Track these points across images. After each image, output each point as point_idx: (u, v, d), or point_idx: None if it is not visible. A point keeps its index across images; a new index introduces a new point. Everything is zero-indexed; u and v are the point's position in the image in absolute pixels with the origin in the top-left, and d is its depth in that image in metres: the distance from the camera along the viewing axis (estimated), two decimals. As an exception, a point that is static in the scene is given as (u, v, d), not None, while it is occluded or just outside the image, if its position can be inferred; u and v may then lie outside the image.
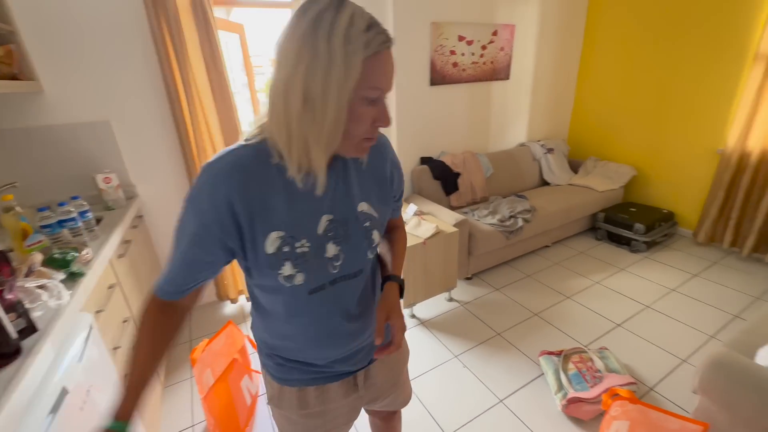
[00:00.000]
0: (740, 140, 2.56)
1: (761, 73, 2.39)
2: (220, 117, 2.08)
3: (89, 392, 1.00)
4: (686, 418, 1.20)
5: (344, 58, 0.50)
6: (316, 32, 0.50)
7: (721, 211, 2.78)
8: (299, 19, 0.52)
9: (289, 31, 0.53)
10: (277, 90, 0.54)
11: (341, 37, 0.50)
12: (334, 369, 0.78)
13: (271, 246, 0.61)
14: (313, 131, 0.54)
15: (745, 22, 2.47)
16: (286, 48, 0.53)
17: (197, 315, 2.42)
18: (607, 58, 3.33)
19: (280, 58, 0.54)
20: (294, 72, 0.52)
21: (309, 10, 0.52)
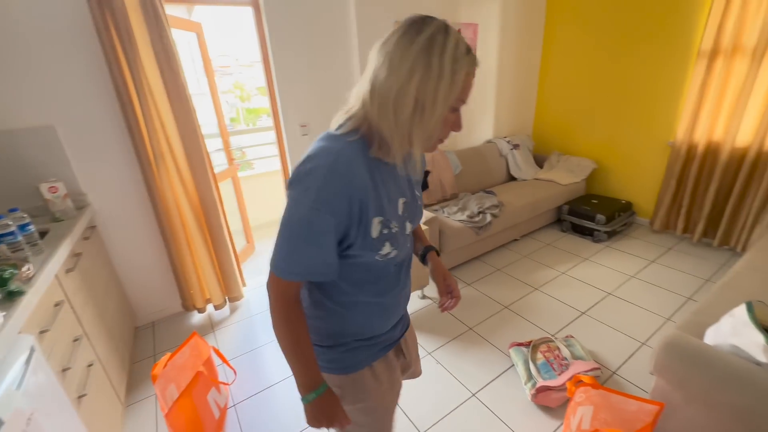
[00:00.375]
0: (688, 133, 2.73)
1: (703, 69, 2.55)
2: (177, 120, 1.99)
3: (31, 420, 0.92)
4: (644, 399, 1.26)
5: (451, 74, 0.61)
6: (430, 51, 0.61)
7: (673, 200, 2.95)
8: (413, 36, 0.61)
9: (403, 45, 0.62)
10: (388, 93, 0.63)
11: (450, 57, 0.61)
12: (389, 336, 0.89)
13: (375, 230, 0.70)
14: (419, 130, 0.64)
15: (690, 22, 2.63)
16: (399, 59, 0.62)
17: (162, 327, 2.31)
18: (565, 57, 3.45)
19: (392, 67, 0.62)
20: (408, 81, 0.61)
21: (423, 31, 0.62)
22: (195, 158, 2.08)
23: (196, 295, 2.35)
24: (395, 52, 0.62)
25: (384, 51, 0.64)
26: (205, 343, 1.68)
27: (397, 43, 0.62)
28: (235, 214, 3.14)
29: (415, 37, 0.61)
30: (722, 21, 2.41)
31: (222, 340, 2.18)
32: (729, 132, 2.53)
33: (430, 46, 0.61)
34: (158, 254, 2.26)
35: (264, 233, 3.71)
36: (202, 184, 2.15)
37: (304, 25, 2.34)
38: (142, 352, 2.11)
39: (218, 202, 2.26)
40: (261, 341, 2.16)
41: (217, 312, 2.44)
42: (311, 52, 2.42)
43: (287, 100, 2.44)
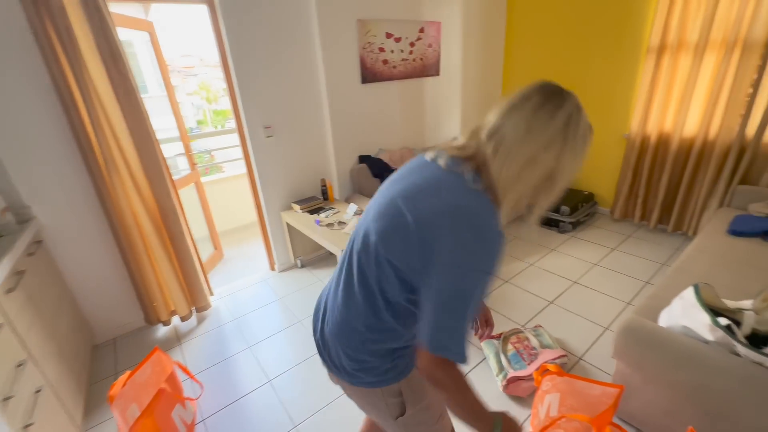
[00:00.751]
0: (641, 125, 2.87)
1: (652, 65, 2.68)
2: (129, 124, 1.88)
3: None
4: (606, 384, 1.31)
5: (581, 152, 0.68)
6: (568, 129, 0.66)
7: (630, 190, 3.10)
8: (554, 111, 0.66)
9: (543, 117, 0.65)
10: (520, 159, 0.66)
11: (583, 136, 0.68)
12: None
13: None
14: (546, 197, 0.71)
15: (639, 20, 2.76)
16: (539, 130, 0.65)
17: (124, 344, 2.19)
18: (527, 55, 3.54)
19: (530, 135, 0.65)
20: (545, 152, 0.65)
21: (563, 107, 0.66)
22: (150, 164, 1.98)
23: (159, 307, 2.24)
24: (534, 121, 0.66)
25: (521, 116, 0.67)
26: (167, 358, 1.60)
27: (537, 113, 0.66)
28: (201, 221, 3.03)
29: (556, 113, 0.66)
30: (667, 19, 2.55)
31: (189, 353, 2.09)
32: (677, 123, 2.68)
33: (568, 123, 0.66)
34: (116, 267, 2.14)
35: (234, 238, 3.60)
36: (160, 191, 2.05)
37: (263, 23, 2.27)
38: (102, 372, 1.99)
39: (179, 209, 2.16)
40: (231, 351, 2.09)
41: (183, 324, 2.34)
42: (272, 51, 2.35)
43: (249, 101, 2.36)
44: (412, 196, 0.71)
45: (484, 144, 0.68)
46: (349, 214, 2.44)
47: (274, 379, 1.87)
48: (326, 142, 2.78)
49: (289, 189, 2.72)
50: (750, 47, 2.28)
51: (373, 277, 0.75)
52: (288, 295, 2.57)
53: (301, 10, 2.39)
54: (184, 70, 24.89)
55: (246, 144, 2.49)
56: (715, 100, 2.48)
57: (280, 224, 2.75)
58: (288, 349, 2.08)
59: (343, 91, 2.68)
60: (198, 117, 24.36)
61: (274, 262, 2.88)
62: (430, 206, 0.68)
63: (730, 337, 1.12)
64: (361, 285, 0.77)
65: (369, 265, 0.75)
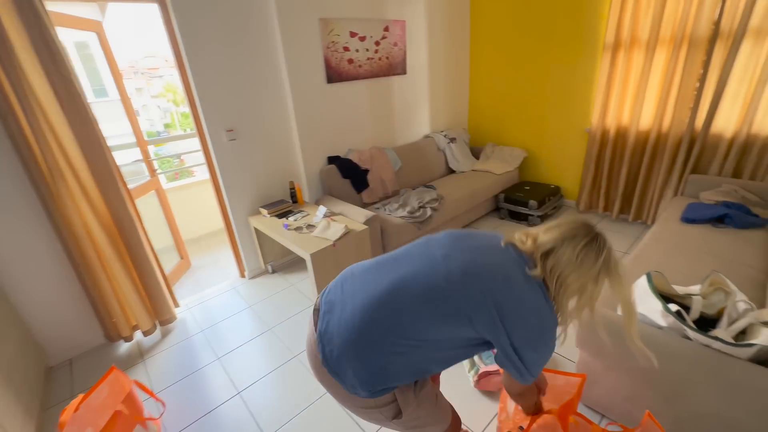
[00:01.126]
0: (601, 120, 2.97)
1: (608, 61, 2.78)
2: (75, 131, 1.77)
3: None
4: (569, 374, 1.34)
5: (623, 280, 0.87)
6: (609, 264, 0.85)
7: (593, 182, 3.21)
8: (598, 253, 0.84)
9: (590, 257, 0.83)
10: (573, 285, 0.85)
11: (619, 269, 0.86)
12: None
13: None
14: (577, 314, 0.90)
15: (595, 18, 2.86)
16: (586, 267, 0.83)
17: (81, 364, 2.07)
18: (492, 52, 3.60)
19: (580, 270, 0.84)
20: (586, 285, 0.84)
21: (603, 250, 0.85)
22: (101, 172, 1.87)
23: (119, 323, 2.13)
24: (585, 259, 0.83)
25: (573, 249, 0.84)
26: (125, 377, 1.52)
27: (587, 252, 0.84)
28: (165, 229, 2.90)
29: (600, 255, 0.84)
30: (620, 17, 2.65)
31: (154, 369, 2.00)
32: (633, 117, 2.79)
33: (609, 260, 0.85)
34: (69, 282, 2.01)
35: (203, 245, 3.48)
36: (114, 201, 1.94)
37: (219, 22, 2.19)
38: (57, 396, 1.87)
39: (136, 219, 2.06)
40: (198, 364, 2.01)
41: (147, 339, 2.23)
42: (231, 51, 2.27)
43: (209, 104, 2.28)
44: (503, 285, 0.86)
45: (542, 262, 0.86)
46: (319, 217, 2.40)
47: (243, 391, 1.81)
48: (293, 144, 2.72)
49: (256, 193, 2.64)
50: (695, 44, 2.41)
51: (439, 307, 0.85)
52: (258, 303, 2.50)
53: (259, 9, 2.32)
54: (149, 71, 23.85)
55: (208, 148, 2.40)
56: (667, 94, 2.60)
57: (249, 230, 2.67)
58: (258, 358, 2.02)
59: (308, 92, 2.63)
60: (165, 120, 23.45)
61: (244, 269, 2.80)
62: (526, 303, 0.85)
63: (680, 323, 1.16)
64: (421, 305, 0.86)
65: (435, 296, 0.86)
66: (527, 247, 0.89)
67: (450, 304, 0.83)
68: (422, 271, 0.88)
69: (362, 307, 0.87)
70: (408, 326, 0.85)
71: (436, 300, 0.84)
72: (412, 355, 0.86)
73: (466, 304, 0.83)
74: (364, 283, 0.92)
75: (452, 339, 0.86)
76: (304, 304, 2.44)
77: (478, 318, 0.82)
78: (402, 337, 0.85)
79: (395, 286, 0.87)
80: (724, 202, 2.24)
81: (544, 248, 0.86)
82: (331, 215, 2.42)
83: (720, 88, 2.38)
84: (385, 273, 0.92)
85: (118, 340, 2.21)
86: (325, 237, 2.15)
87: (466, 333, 0.85)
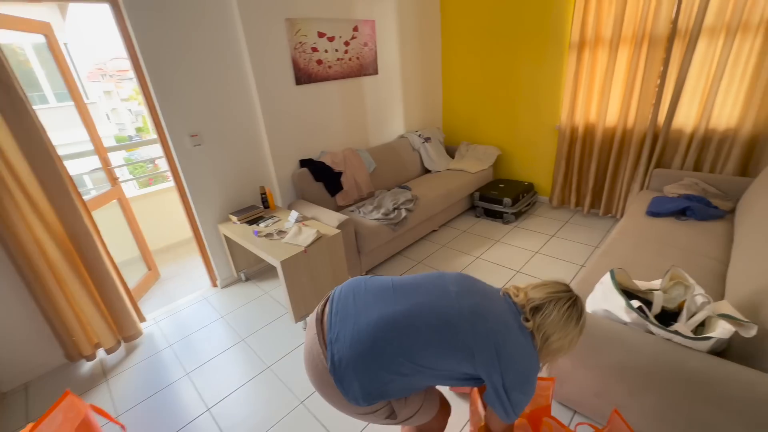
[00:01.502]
0: (569, 117, 3.03)
1: (575, 60, 2.84)
2: (18, 140, 1.65)
3: None
4: (539, 378, 1.34)
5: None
6: (583, 329, 1.00)
7: (565, 178, 3.27)
8: (578, 316, 0.98)
9: (572, 320, 0.96)
10: (555, 343, 0.96)
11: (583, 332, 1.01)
12: None
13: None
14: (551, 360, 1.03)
15: (561, 18, 2.90)
16: (570, 329, 0.96)
17: (38, 388, 1.95)
18: (463, 52, 3.61)
19: (564, 332, 0.96)
20: (569, 345, 0.99)
21: (582, 315, 0.99)
22: (51, 183, 1.76)
23: (80, 341, 2.02)
24: (567, 322, 0.96)
25: (558, 311, 0.95)
26: (80, 402, 1.43)
27: (569, 314, 0.96)
28: (131, 240, 2.78)
29: (580, 319, 0.98)
30: (584, 16, 2.70)
31: (117, 389, 1.90)
32: (600, 114, 2.86)
33: (584, 326, 0.99)
34: (22, 302, 1.88)
35: (173, 255, 3.35)
36: (68, 214, 1.83)
37: (178, 22, 2.10)
38: (9, 424, 1.75)
39: (93, 231, 1.95)
40: (166, 381, 1.92)
41: (110, 356, 2.12)
42: (192, 53, 2.18)
43: (169, 108, 2.18)
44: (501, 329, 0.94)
45: (531, 315, 0.97)
46: (291, 222, 2.34)
47: (213, 407, 1.74)
48: (262, 148, 2.65)
49: (225, 199, 2.56)
50: (655, 42, 2.48)
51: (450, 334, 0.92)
52: (231, 312, 2.42)
53: (221, 9, 2.24)
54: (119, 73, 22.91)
55: (171, 155, 2.30)
56: (630, 91, 2.67)
57: (218, 237, 2.58)
58: (230, 371, 1.95)
59: (277, 94, 2.57)
60: (137, 124, 22.59)
61: (215, 278, 2.71)
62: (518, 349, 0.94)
63: (643, 318, 1.18)
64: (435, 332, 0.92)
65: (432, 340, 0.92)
66: (519, 299, 1.00)
67: (459, 337, 0.91)
68: (438, 303, 0.96)
69: (377, 324, 0.92)
70: (417, 351, 0.91)
71: (447, 332, 0.91)
72: (414, 378, 0.93)
73: (472, 340, 0.90)
74: (379, 301, 0.97)
75: (451, 371, 0.94)
76: (278, 312, 2.37)
77: (480, 355, 0.90)
78: (410, 360, 0.90)
79: (412, 311, 0.94)
80: (686, 195, 2.32)
81: (534, 304, 0.97)
82: (303, 220, 2.37)
83: (679, 85, 2.46)
84: (402, 295, 0.98)
85: (80, 359, 2.09)
86: (296, 243, 2.10)
87: (465, 368, 0.92)
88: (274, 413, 1.68)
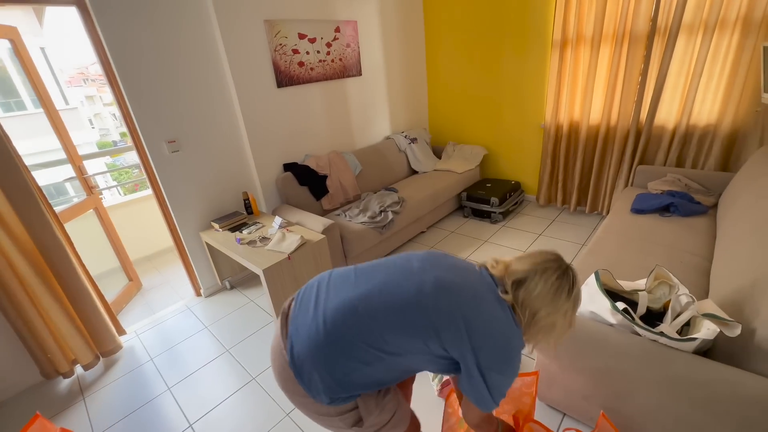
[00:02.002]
0: (554, 115, 3.03)
1: (557, 58, 2.84)
2: (-19, 151, 1.57)
3: None
4: (522, 374, 1.32)
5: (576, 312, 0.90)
6: (576, 302, 0.88)
7: (551, 176, 3.28)
8: (570, 288, 0.86)
9: (563, 294, 0.85)
10: (544, 320, 0.85)
11: (580, 301, 0.90)
12: None
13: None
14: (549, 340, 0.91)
15: (543, 17, 2.90)
16: (559, 303, 0.85)
17: (13, 407, 1.86)
18: (448, 52, 3.60)
19: (554, 306, 0.84)
20: (563, 318, 0.86)
21: (575, 286, 0.87)
22: (18, 196, 1.68)
23: (56, 358, 1.94)
24: (556, 295, 0.84)
25: (545, 284, 0.84)
26: (51, 425, 1.36)
27: (559, 287, 0.84)
28: (110, 250, 2.69)
29: (571, 291, 0.86)
30: (565, 15, 2.70)
31: (95, 407, 1.83)
32: (584, 112, 2.87)
33: (577, 298, 0.88)
34: (-10, 320, 1.80)
35: (156, 264, 3.26)
36: (37, 226, 1.75)
37: (151, 25, 2.03)
38: None
39: (65, 243, 1.87)
40: (146, 396, 1.86)
41: (88, 372, 2.05)
42: (167, 57, 2.12)
43: (144, 114, 2.11)
44: (474, 303, 0.86)
45: (513, 290, 0.86)
46: (274, 228, 2.29)
47: (196, 422, 1.69)
48: (244, 153, 2.59)
49: (207, 206, 2.49)
50: (636, 40, 2.49)
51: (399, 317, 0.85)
52: (215, 322, 2.36)
53: (196, 12, 2.17)
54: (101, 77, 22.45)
55: (148, 162, 2.23)
56: (613, 89, 2.68)
57: (201, 245, 2.51)
58: (215, 384, 1.89)
59: (257, 97, 2.51)
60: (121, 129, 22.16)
61: (199, 287, 2.64)
62: (494, 321, 0.85)
63: (628, 320, 1.17)
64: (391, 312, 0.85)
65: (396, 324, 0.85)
66: (498, 271, 0.90)
67: (420, 315, 0.83)
68: (397, 281, 0.88)
69: (334, 311, 0.87)
70: (378, 334, 0.84)
71: (407, 310, 0.84)
72: (378, 366, 0.86)
73: (436, 317, 0.82)
74: (339, 288, 0.92)
75: (423, 353, 0.86)
76: (264, 320, 2.32)
77: (446, 333, 0.82)
78: (371, 345, 0.84)
79: (370, 293, 0.87)
80: (669, 191, 2.33)
81: (516, 276, 0.86)
82: (287, 226, 2.32)
83: (660, 82, 2.47)
84: (362, 280, 0.91)
85: (56, 377, 2.01)
86: (279, 250, 2.05)
87: (435, 349, 0.84)
88: (259, 426, 1.63)
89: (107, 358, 2.12)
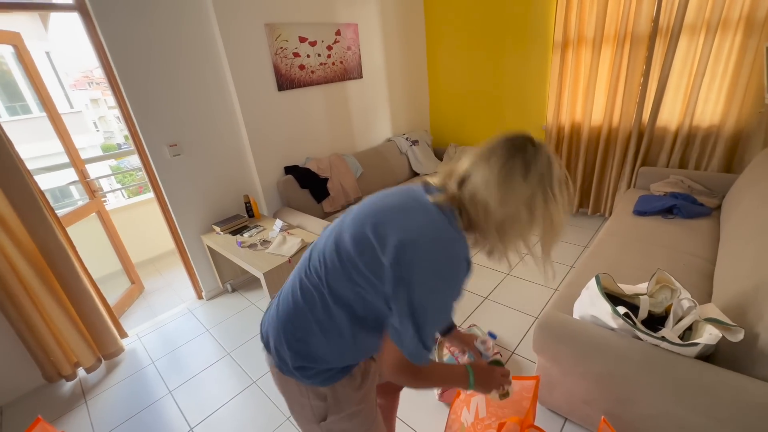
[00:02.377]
0: (555, 117, 3.02)
1: (559, 59, 2.83)
2: (-16, 156, 1.59)
3: None
4: (522, 377, 1.31)
5: (562, 202, 0.74)
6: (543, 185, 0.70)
7: (553, 178, 3.26)
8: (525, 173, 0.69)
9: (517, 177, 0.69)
10: (497, 213, 0.70)
11: (560, 188, 0.73)
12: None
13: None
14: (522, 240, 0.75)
15: (544, 18, 2.89)
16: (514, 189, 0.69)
17: (15, 411, 1.88)
18: (449, 54, 3.59)
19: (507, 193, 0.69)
20: (527, 211, 0.70)
21: (534, 165, 0.69)
22: (20, 199, 1.69)
23: (58, 361, 1.95)
24: (507, 179, 0.69)
25: (490, 172, 0.69)
26: (52, 429, 1.37)
27: (509, 170, 0.69)
28: (112, 253, 2.71)
29: (528, 172, 0.69)
30: (567, 16, 2.69)
31: (96, 411, 1.83)
32: (585, 113, 2.85)
33: (543, 181, 0.69)
34: (-7, 323, 1.81)
35: (157, 267, 3.28)
36: (39, 230, 1.76)
37: (152, 30, 2.04)
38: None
39: (68, 247, 1.89)
40: (147, 400, 1.86)
41: (91, 375, 2.05)
42: (168, 61, 2.13)
43: (146, 118, 2.12)
44: (394, 216, 0.74)
45: (458, 191, 0.73)
46: (275, 231, 2.29)
47: (197, 426, 1.69)
48: (245, 156, 2.60)
49: (208, 209, 2.50)
50: (637, 40, 2.47)
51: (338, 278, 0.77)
52: (217, 325, 2.36)
53: (197, 16, 2.19)
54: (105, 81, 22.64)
55: (150, 165, 2.24)
56: (615, 90, 2.67)
57: (202, 249, 2.52)
58: (216, 387, 1.89)
59: (258, 101, 2.52)
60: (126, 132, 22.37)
61: (200, 290, 2.64)
62: (414, 228, 0.72)
63: (629, 325, 1.16)
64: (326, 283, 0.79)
65: (336, 266, 0.77)
66: (438, 179, 0.78)
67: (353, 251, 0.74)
68: (336, 230, 0.81)
69: (291, 278, 0.89)
70: (326, 285, 0.77)
71: (342, 253, 0.75)
72: (330, 325, 0.79)
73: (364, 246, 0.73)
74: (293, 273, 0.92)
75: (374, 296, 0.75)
76: (265, 323, 2.32)
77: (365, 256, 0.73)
78: (320, 299, 0.78)
79: (314, 260, 0.81)
80: (672, 193, 2.31)
81: (458, 175, 0.73)
82: (287, 228, 2.32)
83: (662, 83, 2.46)
84: (314, 254, 0.84)
85: (59, 379, 2.02)
86: (280, 253, 2.05)
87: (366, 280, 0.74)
88: (260, 430, 1.63)
89: (109, 361, 2.13)
